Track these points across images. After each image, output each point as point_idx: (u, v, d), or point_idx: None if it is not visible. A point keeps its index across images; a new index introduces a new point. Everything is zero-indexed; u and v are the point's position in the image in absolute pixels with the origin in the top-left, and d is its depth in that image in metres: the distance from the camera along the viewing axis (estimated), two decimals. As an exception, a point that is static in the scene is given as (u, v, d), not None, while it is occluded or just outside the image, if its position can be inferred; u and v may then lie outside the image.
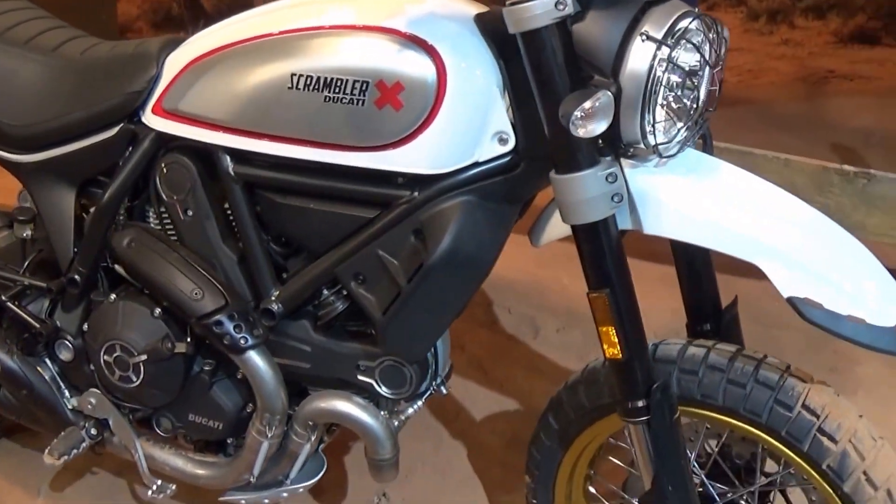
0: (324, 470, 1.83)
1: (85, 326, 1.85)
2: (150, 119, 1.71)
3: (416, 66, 1.46)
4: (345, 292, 1.68)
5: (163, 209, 1.77)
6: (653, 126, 1.42)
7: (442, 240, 1.52)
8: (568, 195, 1.43)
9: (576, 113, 1.34)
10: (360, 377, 1.70)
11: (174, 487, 1.90)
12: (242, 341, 1.66)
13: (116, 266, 1.82)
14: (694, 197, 1.48)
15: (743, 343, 1.73)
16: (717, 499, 1.72)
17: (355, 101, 1.49)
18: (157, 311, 1.77)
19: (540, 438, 1.78)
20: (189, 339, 1.76)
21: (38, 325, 1.86)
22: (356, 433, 1.72)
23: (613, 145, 1.45)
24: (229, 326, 1.66)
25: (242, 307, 1.69)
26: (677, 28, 1.40)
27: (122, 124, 1.74)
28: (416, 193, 1.54)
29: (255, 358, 1.69)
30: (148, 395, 1.83)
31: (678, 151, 1.47)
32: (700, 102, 1.47)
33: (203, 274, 1.70)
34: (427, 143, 1.49)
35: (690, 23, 1.42)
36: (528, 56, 1.38)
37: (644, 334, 1.53)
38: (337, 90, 1.50)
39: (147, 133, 1.72)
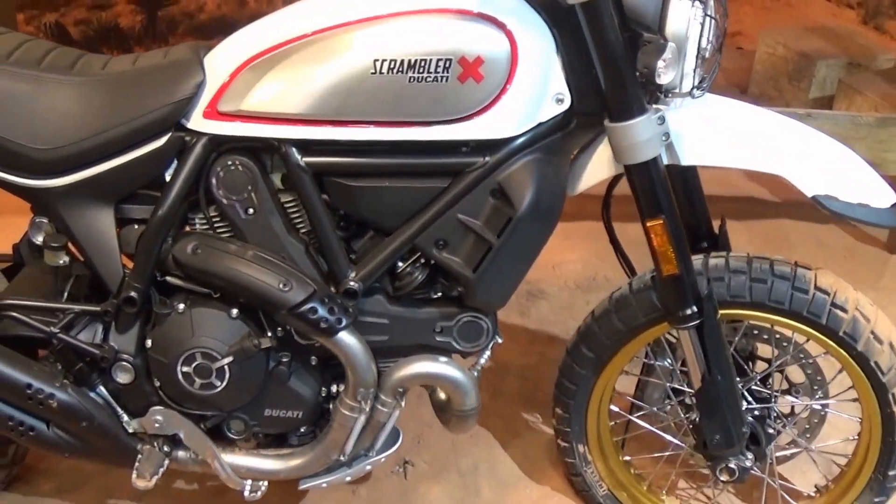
0: (401, 436, 1.83)
1: (148, 343, 1.74)
2: (201, 124, 1.65)
3: (493, 41, 1.56)
4: (421, 262, 1.72)
5: (214, 212, 1.72)
6: (694, 72, 1.63)
7: (525, 194, 1.62)
8: (625, 139, 1.60)
9: (659, 63, 1.52)
10: (439, 338, 1.74)
11: (266, 485, 1.82)
12: (338, 323, 1.65)
13: (168, 277, 1.74)
14: (719, 129, 1.69)
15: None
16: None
17: (440, 79, 1.57)
18: (234, 311, 1.70)
19: (573, 370, 1.90)
20: (270, 334, 1.72)
21: (96, 352, 1.71)
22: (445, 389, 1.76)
23: (654, 92, 1.64)
24: (324, 311, 1.64)
25: (328, 291, 1.68)
26: None
27: (170, 133, 1.67)
28: (487, 158, 1.63)
29: (348, 337, 1.68)
30: (230, 397, 1.74)
31: (703, 93, 1.69)
32: (720, 49, 1.69)
33: (284, 266, 1.66)
34: (503, 109, 1.59)
35: None
36: (589, 23, 1.54)
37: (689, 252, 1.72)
38: (421, 70, 1.56)
39: (198, 139, 1.66)
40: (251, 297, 1.67)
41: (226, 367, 1.71)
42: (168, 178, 1.70)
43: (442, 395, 1.83)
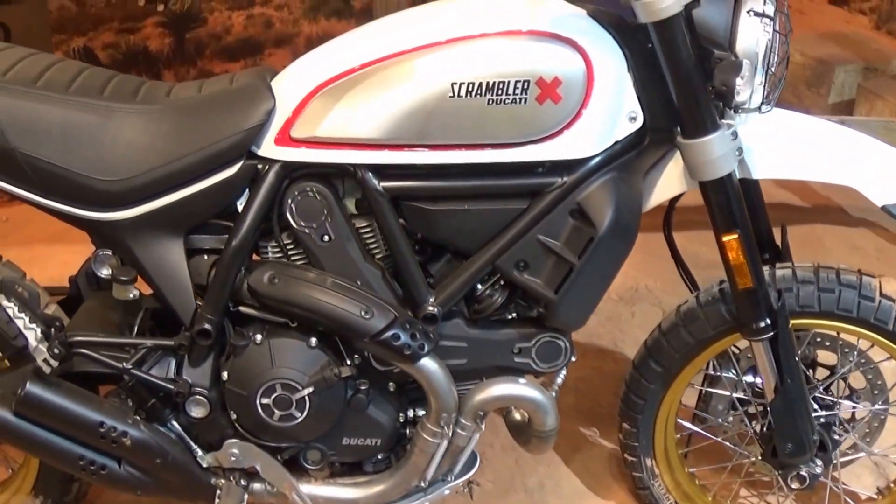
0: (479, 459, 1.81)
1: (224, 376, 1.70)
2: (273, 151, 1.62)
3: (569, 62, 1.55)
4: (500, 283, 1.70)
5: (287, 240, 1.69)
6: (762, 87, 1.63)
7: (606, 214, 1.61)
8: (700, 156, 1.60)
9: (738, 81, 1.53)
10: (517, 359, 1.72)
11: None
12: (420, 349, 1.63)
13: (242, 307, 1.69)
14: (787, 142, 1.70)
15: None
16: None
17: (518, 100, 1.56)
18: (313, 340, 1.67)
19: (642, 384, 1.90)
20: (349, 362, 1.69)
21: (170, 387, 1.67)
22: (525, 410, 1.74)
23: (722, 108, 1.65)
24: (406, 337, 1.61)
25: (409, 317, 1.66)
26: (770, 4, 1.63)
27: (241, 161, 1.63)
28: (565, 178, 1.62)
29: (429, 362, 1.65)
30: (310, 428, 1.70)
31: (770, 108, 1.69)
32: (786, 65, 1.70)
33: (363, 293, 1.64)
34: (581, 129, 1.59)
35: None
36: (662, 41, 1.54)
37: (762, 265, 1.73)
38: (499, 92, 1.55)
39: (270, 166, 1.63)
40: (332, 325, 1.64)
41: (306, 397, 1.67)
42: (240, 207, 1.67)
43: (518, 416, 1.82)
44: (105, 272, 1.74)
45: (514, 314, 1.74)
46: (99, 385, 1.80)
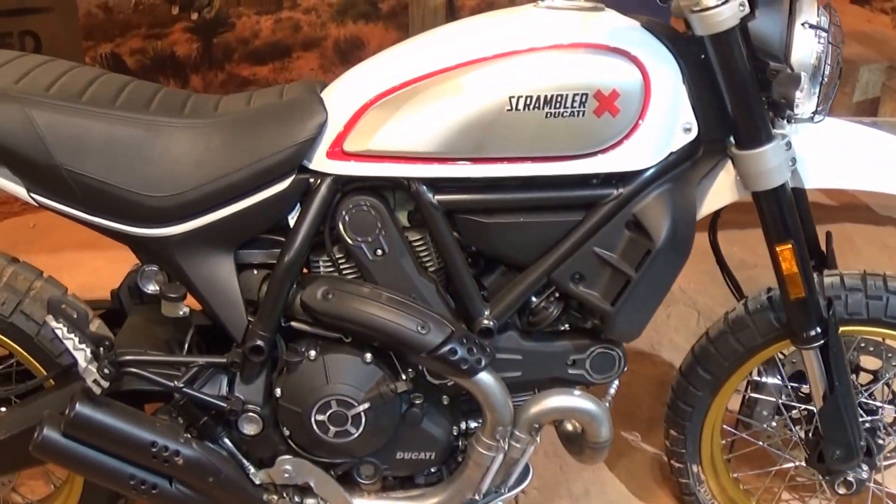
0: (531, 471, 1.81)
1: (277, 392, 1.68)
2: (326, 164, 1.60)
3: (626, 74, 1.55)
4: (555, 296, 1.69)
5: (339, 254, 1.68)
6: (816, 97, 1.63)
7: (663, 226, 1.61)
8: (755, 166, 1.61)
9: (797, 93, 1.53)
10: (571, 371, 1.72)
11: None
12: (478, 363, 1.62)
13: (294, 323, 1.68)
14: (838, 151, 1.71)
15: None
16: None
17: (576, 113, 1.55)
18: (368, 355, 1.65)
19: (690, 392, 1.90)
20: (404, 377, 1.68)
21: (223, 405, 1.65)
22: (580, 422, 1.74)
23: (775, 118, 1.65)
24: (463, 352, 1.60)
25: (465, 331, 1.64)
26: (824, 15, 1.63)
27: (293, 175, 1.61)
28: (621, 190, 1.61)
29: (486, 376, 1.64)
30: (364, 443, 1.69)
31: (822, 117, 1.69)
32: (838, 75, 1.70)
33: (419, 308, 1.63)
34: (638, 141, 1.58)
35: (825, 10, 1.65)
36: (719, 53, 1.54)
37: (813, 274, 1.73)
38: (558, 105, 1.55)
39: (322, 180, 1.61)
40: (389, 341, 1.62)
41: (362, 413, 1.66)
42: (290, 222, 1.65)
43: (570, 427, 1.82)
44: (152, 288, 1.71)
45: (566, 326, 1.74)
46: (144, 403, 1.78)
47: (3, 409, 1.85)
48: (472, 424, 1.76)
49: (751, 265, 1.87)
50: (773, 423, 1.96)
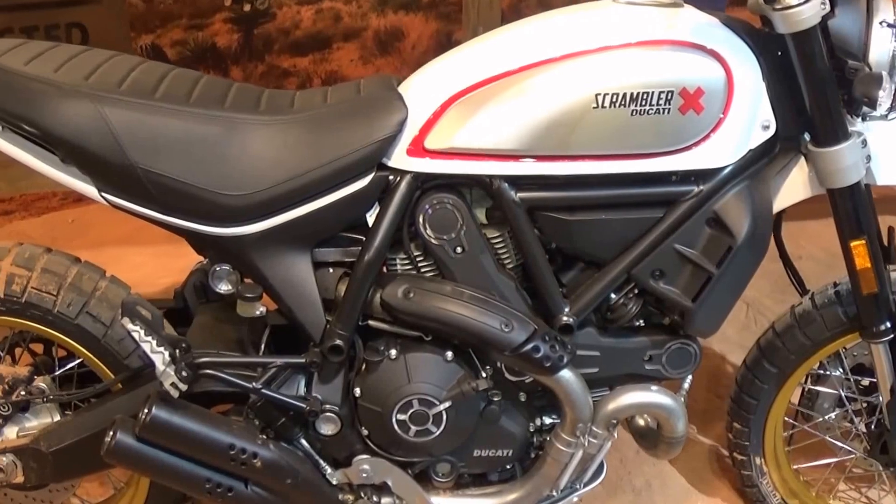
0: (605, 468, 1.82)
1: (356, 392, 1.68)
2: (406, 162, 1.60)
3: (711, 71, 1.56)
4: (634, 292, 1.70)
5: (417, 252, 1.68)
6: (892, 95, 1.65)
7: (744, 223, 1.62)
8: (831, 164, 1.63)
9: (880, 92, 1.54)
10: (648, 367, 1.74)
11: None
12: (560, 360, 1.62)
13: (371, 322, 1.68)
14: (910, 146, 1.73)
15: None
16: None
17: (661, 111, 1.56)
18: (449, 354, 1.66)
19: (755, 385, 1.92)
20: (484, 375, 1.69)
21: (302, 405, 1.65)
22: (658, 417, 1.75)
23: (852, 115, 1.66)
24: (546, 349, 1.61)
25: (547, 329, 1.65)
26: None
27: (373, 172, 1.61)
28: (701, 187, 1.63)
29: (567, 373, 1.65)
30: (444, 442, 1.70)
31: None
32: None
33: (501, 306, 1.63)
34: (720, 139, 1.60)
35: None
36: (799, 51, 1.56)
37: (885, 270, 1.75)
38: (643, 103, 1.55)
39: (402, 177, 1.61)
40: (471, 339, 1.63)
41: (443, 412, 1.66)
42: (369, 220, 1.64)
43: (642, 422, 1.83)
44: (224, 288, 1.70)
45: (640, 322, 1.75)
46: (213, 405, 1.77)
47: (68, 413, 1.84)
48: (547, 421, 1.77)
49: (796, 257, 1.89)
50: (834, 415, 1.99)
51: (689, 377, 1.80)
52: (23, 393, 1.78)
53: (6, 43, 1.71)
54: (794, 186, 1.73)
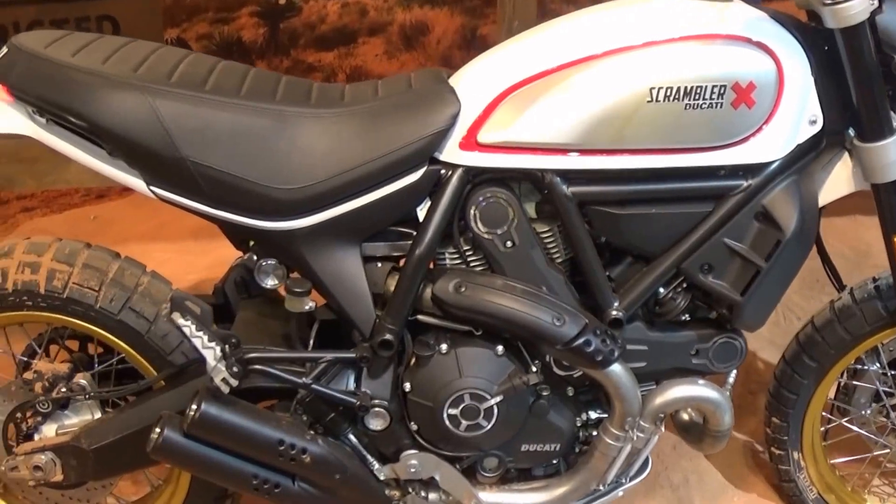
0: (651, 463, 1.83)
1: (406, 387, 1.68)
2: (458, 156, 1.61)
3: (762, 66, 1.58)
4: (683, 287, 1.71)
5: (466, 246, 1.68)
6: None
7: (792, 217, 1.64)
8: (877, 159, 1.65)
9: None
10: (695, 361, 1.75)
11: None
12: (611, 354, 1.63)
13: (420, 316, 1.68)
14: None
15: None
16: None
17: (714, 105, 1.57)
18: (500, 348, 1.67)
19: (795, 379, 1.94)
20: (535, 369, 1.69)
21: (352, 400, 1.64)
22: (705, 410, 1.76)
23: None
24: (598, 343, 1.61)
25: (598, 323, 1.66)
26: None
27: (425, 166, 1.61)
28: (749, 182, 1.64)
29: (617, 367, 1.66)
30: (494, 436, 1.70)
31: None
32: None
33: (553, 300, 1.63)
34: (770, 133, 1.61)
35: None
36: (848, 46, 1.58)
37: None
38: (697, 97, 1.57)
39: (454, 171, 1.62)
40: (523, 333, 1.63)
41: (494, 406, 1.67)
42: (419, 213, 1.65)
43: (685, 416, 1.85)
44: (271, 283, 1.70)
45: (686, 316, 1.76)
46: (259, 400, 1.76)
47: (108, 410, 1.83)
48: (593, 415, 1.78)
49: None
50: (870, 410, 2.01)
51: (734, 371, 1.81)
52: (63, 389, 1.78)
53: (48, 34, 1.71)
54: (838, 182, 1.75)
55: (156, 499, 1.95)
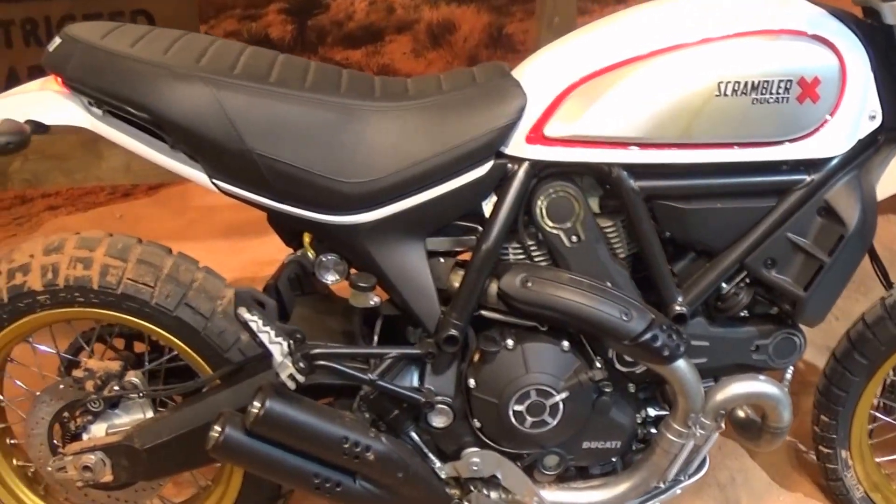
0: (708, 461, 1.83)
1: (471, 383, 1.68)
2: (524, 149, 1.61)
3: (827, 61, 1.60)
4: (745, 282, 1.72)
5: (531, 241, 1.68)
6: None
7: (855, 212, 1.66)
8: (936, 154, 1.68)
9: None
10: (755, 357, 1.76)
11: None
12: (677, 349, 1.63)
13: (484, 312, 1.68)
14: None
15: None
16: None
17: (780, 100, 1.59)
18: (565, 344, 1.67)
19: (846, 377, 1.95)
20: (599, 365, 1.70)
21: (417, 397, 1.64)
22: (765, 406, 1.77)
23: None
24: (664, 338, 1.61)
25: (664, 318, 1.66)
26: None
27: (492, 160, 1.62)
28: (812, 177, 1.66)
29: (682, 362, 1.67)
30: (558, 433, 1.70)
31: None
32: None
33: (620, 295, 1.64)
34: (833, 128, 1.64)
35: None
36: None
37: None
38: (764, 91, 1.59)
39: (520, 165, 1.62)
40: (591, 329, 1.64)
41: (560, 402, 1.67)
42: (485, 208, 1.65)
43: (741, 414, 1.86)
44: (332, 278, 1.70)
45: (746, 312, 1.77)
46: (317, 398, 1.75)
47: (161, 409, 1.81)
48: (652, 413, 1.79)
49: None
50: (915, 408, 2.03)
51: (791, 368, 1.83)
52: (116, 388, 1.76)
53: (101, 26, 1.69)
54: (894, 178, 1.78)
55: (204, 500, 1.92)
